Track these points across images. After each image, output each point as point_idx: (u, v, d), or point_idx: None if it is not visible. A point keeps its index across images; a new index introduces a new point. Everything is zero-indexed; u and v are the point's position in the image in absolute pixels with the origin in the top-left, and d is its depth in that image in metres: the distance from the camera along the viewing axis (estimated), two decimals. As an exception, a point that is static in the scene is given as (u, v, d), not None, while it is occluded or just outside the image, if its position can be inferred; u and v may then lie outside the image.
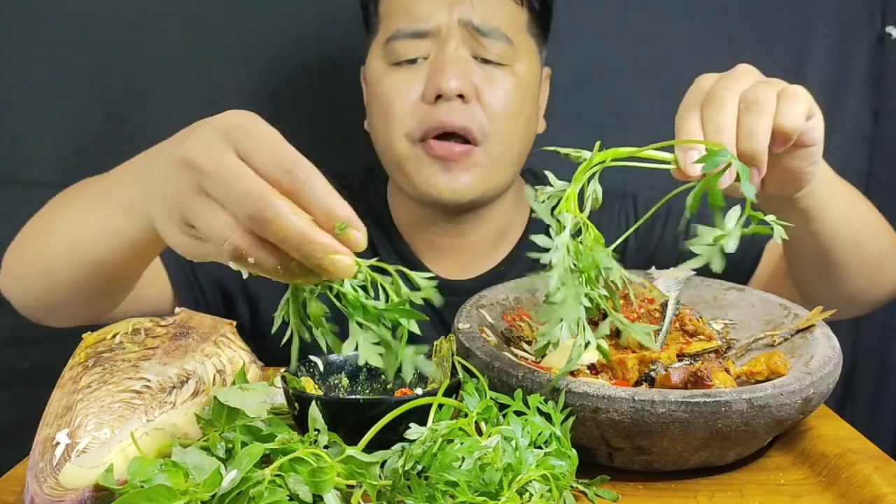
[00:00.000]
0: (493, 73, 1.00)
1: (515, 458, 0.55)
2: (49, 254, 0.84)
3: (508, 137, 1.02)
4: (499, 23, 1.00)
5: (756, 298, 0.81)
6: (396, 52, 1.00)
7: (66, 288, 0.84)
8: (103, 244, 0.77)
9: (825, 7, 1.33)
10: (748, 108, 0.67)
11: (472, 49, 0.99)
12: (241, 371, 0.64)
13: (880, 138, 1.37)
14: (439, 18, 0.99)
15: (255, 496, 0.49)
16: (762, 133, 0.66)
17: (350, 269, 0.52)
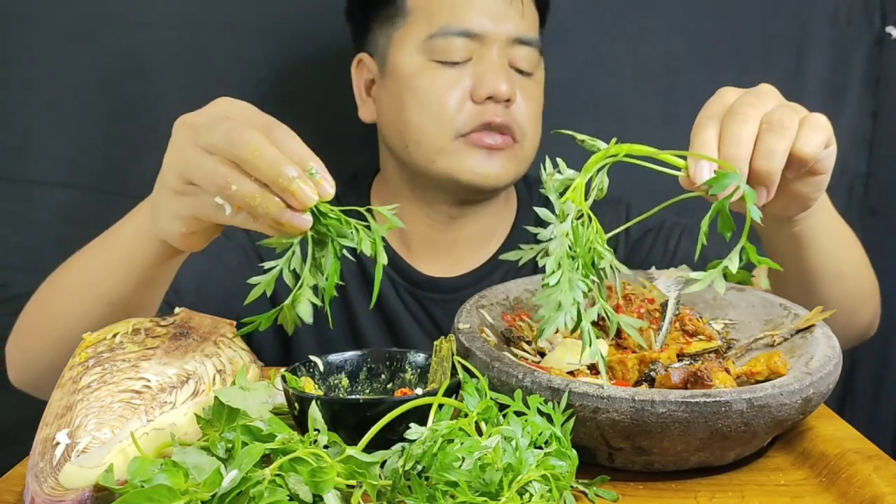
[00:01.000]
0: (525, 83, 1.07)
1: (515, 459, 0.55)
2: (63, 310, 0.85)
3: (535, 139, 1.10)
4: (535, 34, 1.09)
5: (756, 298, 0.81)
6: (442, 51, 1.04)
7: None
8: (116, 279, 0.80)
9: (824, 8, 1.34)
10: (770, 127, 0.67)
11: (509, 58, 1.06)
12: (241, 371, 0.64)
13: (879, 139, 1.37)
14: (487, 27, 1.04)
15: (255, 496, 0.49)
16: (780, 154, 0.67)
17: (312, 196, 0.60)
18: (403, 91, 1.06)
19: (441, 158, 1.05)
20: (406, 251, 1.15)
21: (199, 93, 1.29)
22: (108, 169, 1.29)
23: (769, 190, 0.68)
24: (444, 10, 1.04)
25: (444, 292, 1.13)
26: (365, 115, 1.13)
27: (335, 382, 0.72)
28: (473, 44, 1.04)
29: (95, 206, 1.27)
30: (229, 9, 1.29)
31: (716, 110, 0.70)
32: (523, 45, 1.06)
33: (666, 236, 1.14)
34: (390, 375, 0.73)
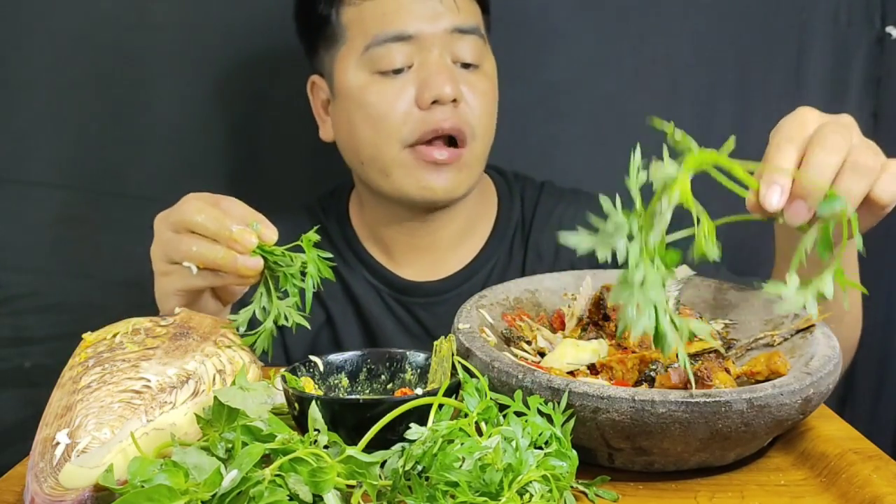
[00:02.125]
0: (470, 77, 1.05)
1: (516, 459, 0.55)
2: None
3: (487, 135, 1.08)
4: (476, 22, 1.06)
5: (756, 298, 0.81)
6: (380, 59, 1.03)
7: None
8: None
9: (824, 7, 1.33)
10: (854, 167, 0.66)
11: (451, 54, 1.04)
12: (242, 371, 0.64)
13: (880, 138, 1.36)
14: (422, 26, 1.02)
15: (255, 496, 0.49)
16: (856, 197, 0.67)
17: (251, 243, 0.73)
18: (351, 108, 1.06)
19: (393, 172, 1.05)
20: (387, 258, 1.15)
21: (198, 94, 1.30)
22: (105, 170, 1.29)
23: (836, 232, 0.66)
24: (376, 19, 1.03)
25: (429, 295, 1.13)
26: (324, 134, 1.14)
27: (335, 382, 0.72)
28: (411, 47, 1.02)
29: (93, 206, 1.27)
30: (228, 10, 1.29)
31: (796, 133, 0.68)
32: (464, 35, 1.04)
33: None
34: (390, 375, 0.73)
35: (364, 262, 1.15)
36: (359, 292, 1.14)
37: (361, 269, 1.14)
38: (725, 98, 1.35)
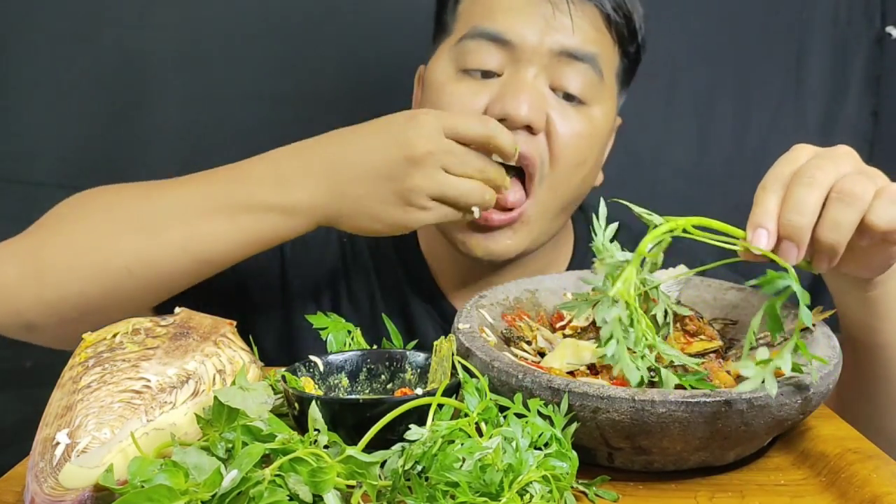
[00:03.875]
0: (569, 112, 0.91)
1: (516, 459, 0.55)
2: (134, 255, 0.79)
3: (565, 187, 0.94)
4: (597, 50, 0.92)
5: (756, 298, 0.81)
6: (468, 55, 0.92)
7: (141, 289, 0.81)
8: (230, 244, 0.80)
9: (824, 7, 1.34)
10: (839, 197, 0.63)
11: (553, 79, 0.91)
12: (242, 371, 0.64)
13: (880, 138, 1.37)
14: (526, 34, 0.90)
15: (255, 496, 0.49)
16: (846, 227, 0.63)
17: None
18: (425, 104, 0.95)
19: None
20: (445, 290, 1.05)
21: (200, 95, 1.30)
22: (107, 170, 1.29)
23: (831, 260, 0.65)
24: (482, 13, 0.92)
25: None
26: None
27: (335, 382, 0.72)
28: (507, 54, 0.90)
29: (95, 206, 1.27)
30: (229, 10, 1.29)
31: (784, 172, 0.65)
32: (573, 61, 0.90)
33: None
34: (390, 375, 0.73)
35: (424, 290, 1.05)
36: (417, 320, 1.04)
37: (420, 297, 1.04)
38: (725, 98, 1.35)
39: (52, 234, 0.83)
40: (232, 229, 0.79)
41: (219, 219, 0.80)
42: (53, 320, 0.83)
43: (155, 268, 0.80)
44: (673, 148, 1.32)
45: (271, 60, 1.30)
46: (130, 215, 0.83)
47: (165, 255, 0.80)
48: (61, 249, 0.82)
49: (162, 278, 0.81)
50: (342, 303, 1.04)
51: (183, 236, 0.80)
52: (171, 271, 0.80)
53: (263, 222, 0.78)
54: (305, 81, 1.31)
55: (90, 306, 0.81)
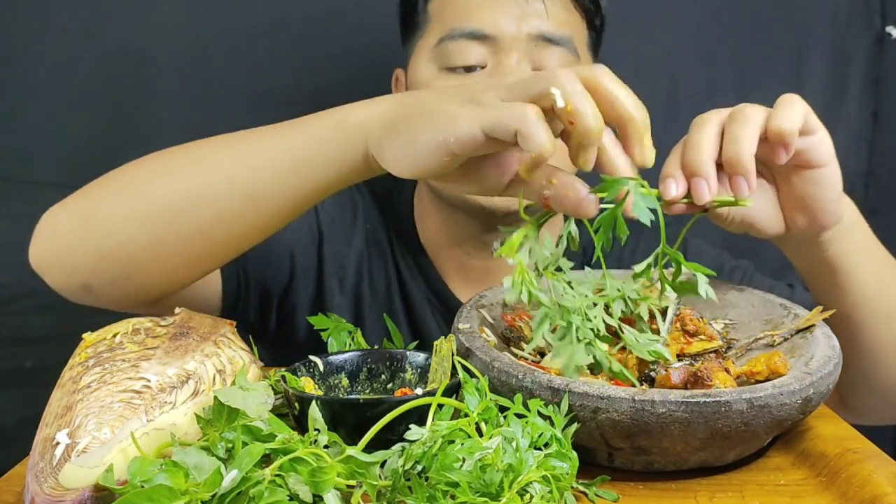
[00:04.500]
0: None
1: (516, 459, 0.55)
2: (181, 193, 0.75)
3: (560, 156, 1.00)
4: (570, 32, 0.98)
5: (756, 298, 0.81)
6: (451, 55, 0.95)
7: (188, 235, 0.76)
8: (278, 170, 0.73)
9: (824, 7, 1.34)
10: (732, 118, 0.67)
11: (533, 62, 0.95)
12: (242, 371, 0.64)
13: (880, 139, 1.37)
14: (504, 26, 0.94)
15: (255, 496, 0.49)
16: (746, 138, 0.66)
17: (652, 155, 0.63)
18: None
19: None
20: (444, 276, 1.09)
21: (200, 94, 1.30)
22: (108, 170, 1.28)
23: (748, 179, 0.66)
24: (457, 12, 0.96)
25: None
26: None
27: (335, 382, 0.72)
28: (488, 48, 0.94)
29: (96, 206, 1.27)
30: (231, 10, 1.29)
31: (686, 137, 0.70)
32: (550, 45, 0.95)
33: (727, 277, 1.07)
34: (390, 375, 0.73)
35: (424, 273, 1.09)
36: (415, 302, 1.08)
37: (421, 280, 1.08)
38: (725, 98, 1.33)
39: (102, 186, 0.82)
40: (279, 148, 0.73)
41: (265, 138, 0.75)
42: (107, 276, 0.79)
43: (201, 205, 0.74)
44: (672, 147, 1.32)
45: (272, 60, 1.30)
46: (181, 153, 0.80)
47: (210, 187, 0.74)
48: (109, 198, 0.80)
49: (208, 221, 0.75)
50: (363, 285, 1.07)
51: (230, 163, 0.74)
52: (218, 210, 0.74)
53: (311, 140, 0.72)
54: (305, 81, 1.31)
55: (140, 258, 0.77)
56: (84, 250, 0.79)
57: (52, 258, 0.82)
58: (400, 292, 1.08)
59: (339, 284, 1.06)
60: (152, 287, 0.80)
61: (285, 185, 0.73)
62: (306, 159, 0.72)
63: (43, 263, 0.82)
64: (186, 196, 0.75)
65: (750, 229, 0.75)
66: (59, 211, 0.83)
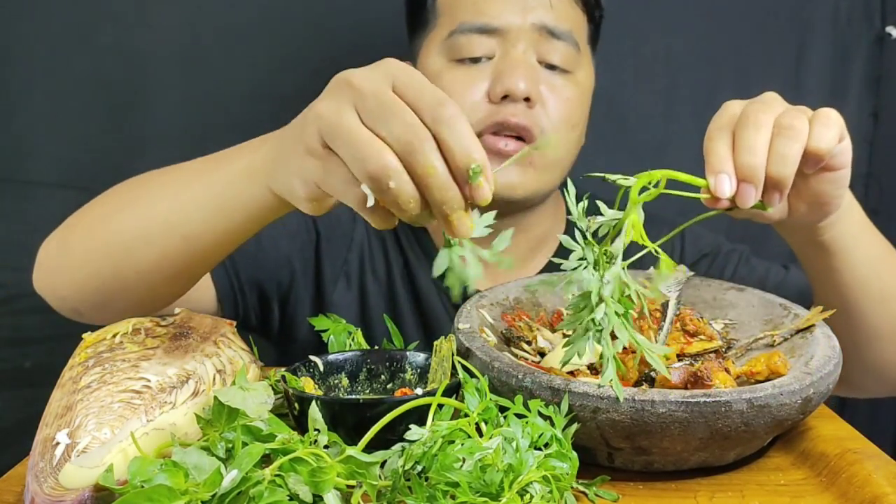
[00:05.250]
0: (557, 81, 1.00)
1: (516, 460, 0.55)
2: (130, 232, 0.80)
3: (563, 145, 1.02)
4: (570, 26, 1.01)
5: (756, 298, 0.81)
6: (460, 48, 0.99)
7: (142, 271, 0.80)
8: (206, 213, 0.76)
9: (824, 7, 1.34)
10: (781, 132, 0.67)
11: (538, 53, 0.99)
12: (242, 371, 0.64)
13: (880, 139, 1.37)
14: (510, 19, 0.98)
15: (255, 496, 0.49)
16: (793, 158, 0.67)
17: (468, 232, 0.57)
18: None
19: None
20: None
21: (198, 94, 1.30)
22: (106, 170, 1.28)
23: (782, 195, 0.68)
24: (467, 7, 0.99)
25: None
26: None
27: (335, 382, 0.72)
28: (495, 40, 0.98)
29: (95, 206, 1.27)
30: (229, 10, 1.29)
31: (725, 122, 0.69)
32: (555, 39, 0.99)
33: (722, 264, 1.10)
34: (390, 375, 0.73)
35: (430, 258, 1.11)
36: (422, 288, 1.11)
37: (427, 265, 1.11)
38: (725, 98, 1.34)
39: (77, 220, 0.87)
40: (206, 195, 0.76)
41: (198, 186, 0.78)
42: (89, 303, 0.85)
43: (147, 244, 0.79)
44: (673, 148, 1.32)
45: (271, 60, 1.30)
46: (131, 196, 0.84)
47: (152, 228, 0.79)
48: (80, 233, 0.85)
49: (154, 259, 0.79)
50: (367, 279, 1.10)
51: (165, 207, 0.79)
52: (161, 249, 0.78)
53: (231, 187, 0.74)
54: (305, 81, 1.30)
55: (110, 288, 0.82)
56: (64, 281, 0.85)
57: (44, 287, 0.88)
58: (406, 280, 1.11)
59: (345, 281, 1.09)
60: (134, 309, 0.83)
61: (214, 227, 0.76)
62: (227, 203, 0.74)
63: (41, 290, 0.89)
64: (134, 236, 0.80)
65: (755, 216, 0.76)
66: (51, 241, 0.88)
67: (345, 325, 0.82)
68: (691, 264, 1.09)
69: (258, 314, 1.07)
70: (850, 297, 0.84)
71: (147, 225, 0.79)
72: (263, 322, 1.08)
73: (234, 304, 1.03)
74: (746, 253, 1.11)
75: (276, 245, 1.05)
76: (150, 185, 0.83)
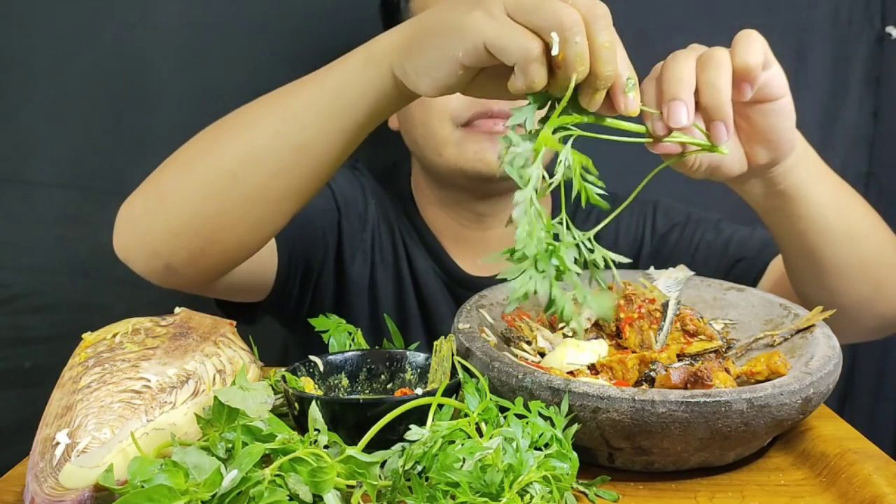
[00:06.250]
0: None
1: (516, 460, 0.55)
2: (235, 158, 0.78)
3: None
4: None
5: (756, 298, 0.81)
6: None
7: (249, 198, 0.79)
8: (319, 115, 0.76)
9: (824, 7, 1.34)
10: (705, 65, 0.68)
11: None
12: (242, 371, 0.64)
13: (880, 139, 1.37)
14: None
15: (255, 496, 0.49)
16: (722, 84, 0.67)
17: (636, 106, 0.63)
18: None
19: (446, 150, 1.04)
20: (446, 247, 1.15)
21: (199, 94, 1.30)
22: (107, 170, 1.29)
23: (726, 124, 0.67)
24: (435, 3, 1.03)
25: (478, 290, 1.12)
26: (391, 122, 1.14)
27: (335, 382, 0.72)
28: None
29: (94, 206, 1.27)
30: (229, 9, 1.29)
31: (653, 74, 0.71)
32: None
33: (692, 231, 1.13)
34: (390, 375, 0.73)
35: (426, 244, 1.15)
36: (420, 272, 1.14)
37: (424, 250, 1.15)
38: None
39: (167, 166, 0.85)
40: (316, 94, 0.77)
41: (303, 87, 0.78)
42: (185, 255, 0.82)
43: (256, 166, 0.78)
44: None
45: (271, 60, 1.30)
46: (230, 122, 0.83)
47: (262, 147, 0.78)
48: (173, 177, 0.83)
49: (265, 180, 0.78)
50: (376, 256, 1.14)
51: (275, 120, 0.78)
52: (273, 167, 0.78)
53: (344, 78, 0.75)
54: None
55: (211, 228, 0.80)
56: (160, 232, 0.82)
57: (133, 245, 0.84)
58: (407, 262, 1.15)
59: (362, 257, 1.13)
60: (228, 256, 0.84)
61: (329, 128, 0.76)
62: (343, 99, 0.75)
63: (127, 252, 0.85)
64: (241, 160, 0.78)
65: (715, 173, 0.76)
66: (134, 198, 0.85)
67: (345, 325, 0.82)
68: (663, 234, 1.13)
69: (297, 293, 1.09)
70: (815, 241, 0.84)
71: (254, 145, 0.78)
72: (299, 302, 1.11)
73: (286, 279, 1.05)
74: (716, 220, 1.13)
75: (314, 219, 1.08)
76: (248, 111, 0.82)
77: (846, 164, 1.34)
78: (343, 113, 0.76)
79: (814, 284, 0.89)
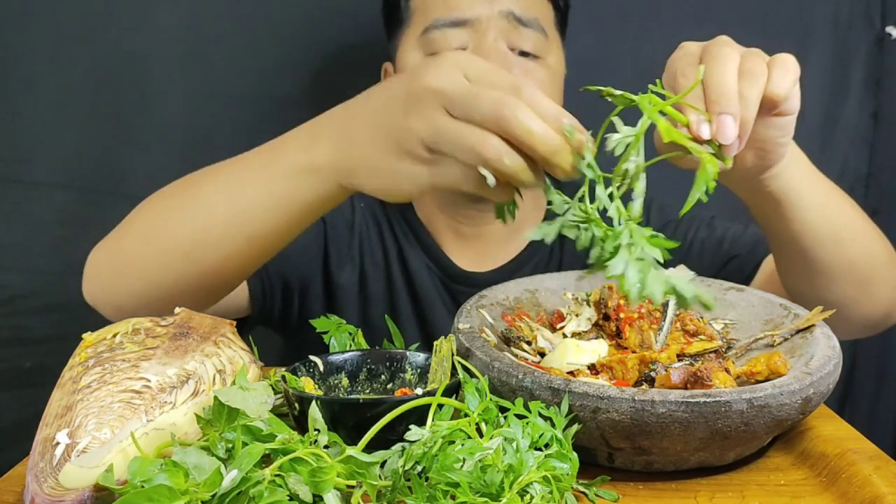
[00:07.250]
0: (529, 65, 1.04)
1: (516, 460, 0.55)
2: (190, 238, 0.81)
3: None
4: (536, 14, 1.06)
5: (756, 298, 0.81)
6: (435, 43, 1.03)
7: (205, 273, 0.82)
8: (268, 213, 0.79)
9: (825, 8, 1.34)
10: (744, 76, 0.68)
11: (509, 41, 1.03)
12: (242, 371, 0.64)
13: (880, 139, 1.37)
14: (479, 10, 1.02)
15: (255, 496, 0.49)
16: (754, 101, 0.67)
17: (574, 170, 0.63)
18: None
19: None
20: (440, 242, 1.16)
21: (198, 94, 1.30)
22: (106, 170, 1.29)
23: (742, 140, 0.68)
24: (438, 4, 1.04)
25: (474, 286, 1.12)
26: None
27: (335, 382, 0.72)
28: (468, 32, 1.02)
29: (94, 207, 1.27)
30: (229, 11, 1.29)
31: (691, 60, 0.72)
32: (522, 27, 1.04)
33: (686, 228, 1.13)
34: (390, 375, 0.73)
35: (421, 241, 1.16)
36: (414, 269, 1.14)
37: (418, 247, 1.15)
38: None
39: (128, 229, 0.88)
40: (266, 196, 0.79)
41: (255, 187, 0.80)
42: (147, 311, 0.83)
43: (208, 250, 0.81)
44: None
45: (271, 61, 1.30)
46: (183, 201, 0.85)
47: (213, 234, 0.81)
48: (134, 239, 0.86)
49: (217, 261, 0.81)
50: (366, 260, 1.15)
51: (226, 213, 0.81)
52: (227, 251, 0.81)
53: (291, 185, 0.77)
54: (305, 82, 1.31)
55: (171, 294, 0.83)
56: (122, 292, 0.86)
57: (99, 298, 0.88)
58: (400, 262, 1.15)
59: (350, 264, 1.13)
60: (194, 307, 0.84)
61: (276, 224, 0.79)
62: (288, 202, 0.78)
63: (94, 302, 0.89)
64: (194, 243, 0.81)
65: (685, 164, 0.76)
66: (99, 252, 0.89)
67: (346, 325, 0.82)
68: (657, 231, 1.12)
69: (280, 308, 1.10)
70: (803, 242, 0.85)
71: (207, 230, 0.81)
72: (284, 315, 1.11)
73: (262, 302, 1.06)
74: (709, 218, 1.14)
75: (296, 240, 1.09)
76: (201, 188, 0.84)
77: (846, 165, 1.34)
78: (290, 214, 0.79)
79: (801, 281, 0.89)
